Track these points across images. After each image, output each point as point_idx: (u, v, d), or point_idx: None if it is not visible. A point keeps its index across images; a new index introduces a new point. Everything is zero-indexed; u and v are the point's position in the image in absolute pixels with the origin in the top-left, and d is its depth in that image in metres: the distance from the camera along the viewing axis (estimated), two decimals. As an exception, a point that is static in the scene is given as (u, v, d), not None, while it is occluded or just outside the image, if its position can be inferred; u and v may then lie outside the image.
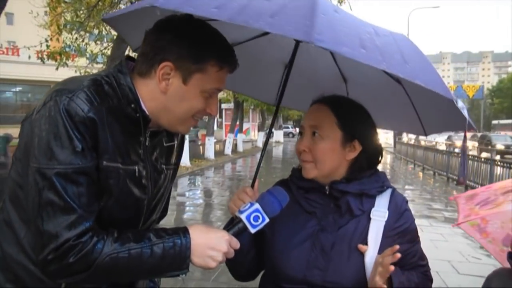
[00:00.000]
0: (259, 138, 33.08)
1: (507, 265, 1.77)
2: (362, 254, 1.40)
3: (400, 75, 1.11)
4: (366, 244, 1.41)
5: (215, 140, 22.40)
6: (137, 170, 1.30)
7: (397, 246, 1.30)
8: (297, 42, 1.67)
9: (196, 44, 1.23)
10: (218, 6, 1.07)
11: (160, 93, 1.26)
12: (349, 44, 1.07)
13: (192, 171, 15.43)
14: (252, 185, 1.51)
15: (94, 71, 11.51)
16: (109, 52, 9.89)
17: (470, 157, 13.68)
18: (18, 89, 37.02)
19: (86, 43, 10.67)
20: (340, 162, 1.48)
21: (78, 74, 11.39)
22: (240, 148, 26.66)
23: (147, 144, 1.34)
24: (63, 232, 1.11)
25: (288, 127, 54.36)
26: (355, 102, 1.54)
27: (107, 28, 10.49)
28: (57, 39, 10.29)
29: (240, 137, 27.32)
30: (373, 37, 1.17)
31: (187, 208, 9.46)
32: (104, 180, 1.21)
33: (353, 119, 1.49)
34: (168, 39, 1.23)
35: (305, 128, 1.49)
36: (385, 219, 1.44)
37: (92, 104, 1.16)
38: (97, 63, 10.84)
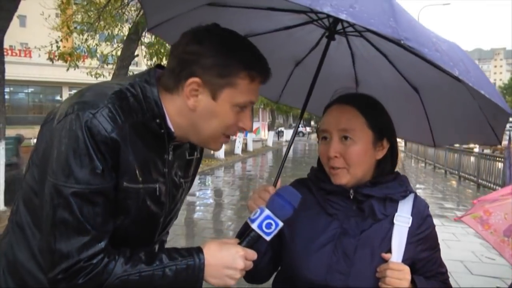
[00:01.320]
0: (269, 137, 33.05)
1: (507, 254, 1.77)
2: (385, 259, 1.37)
3: (470, 84, 1.08)
4: (389, 249, 1.38)
5: (225, 140, 22.38)
6: (157, 188, 1.25)
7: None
8: (329, 41, 1.63)
9: (224, 57, 1.17)
10: None
11: (188, 110, 1.20)
12: (428, 46, 1.05)
13: (202, 170, 15.45)
14: (275, 184, 1.46)
15: (105, 73, 11.57)
16: (119, 53, 9.94)
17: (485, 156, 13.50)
18: (30, 90, 37.46)
19: (96, 44, 10.73)
20: (371, 163, 1.44)
21: (89, 75, 11.49)
22: (250, 147, 26.61)
23: (170, 159, 1.29)
24: (75, 253, 1.08)
25: (299, 126, 54.06)
26: (374, 98, 1.49)
27: (120, 27, 10.57)
28: (67, 40, 10.36)
29: (250, 136, 27.27)
30: (438, 42, 1.14)
31: (198, 208, 9.46)
32: (123, 200, 1.18)
33: (379, 116, 1.45)
34: (194, 53, 1.17)
35: (332, 132, 1.42)
36: (409, 225, 1.40)
37: (115, 123, 1.12)
38: (107, 64, 10.90)
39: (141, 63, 13.13)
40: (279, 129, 39.71)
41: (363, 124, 1.40)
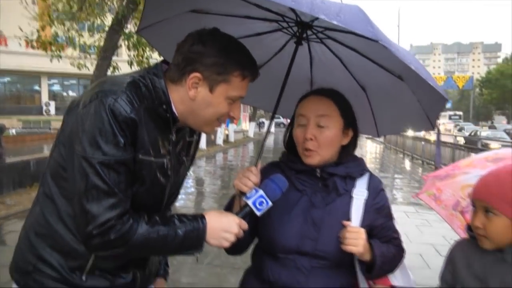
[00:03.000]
0: (251, 128, 33.24)
1: (455, 225, 2.01)
2: (345, 226, 1.60)
3: (423, 77, 1.42)
4: (349, 218, 1.62)
5: (207, 131, 22.45)
6: (165, 162, 1.47)
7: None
8: (297, 46, 1.84)
9: (222, 58, 1.39)
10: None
11: (189, 99, 1.42)
12: (394, 46, 1.34)
13: (184, 161, 15.50)
14: (256, 165, 1.67)
15: (88, 63, 11.41)
16: (101, 43, 9.95)
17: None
18: (6, 79, 36.68)
19: (79, 34, 10.68)
20: (338, 147, 1.69)
21: (70, 65, 11.45)
22: (232, 138, 26.78)
23: (173, 139, 1.51)
24: (105, 212, 1.29)
25: (279, 117, 54.37)
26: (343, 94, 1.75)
27: (102, 17, 10.54)
28: (43, 30, 10.23)
29: (232, 127, 27.42)
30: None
31: (180, 196, 9.56)
32: (138, 170, 1.39)
33: (348, 108, 1.71)
34: (197, 52, 1.39)
35: (310, 118, 1.65)
36: (365, 197, 1.67)
37: (133, 105, 1.33)
38: (90, 54, 10.88)
39: (122, 54, 13.12)
40: (260, 120, 39.90)
41: (337, 112, 1.66)
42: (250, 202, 1.49)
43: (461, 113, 59.86)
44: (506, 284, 1.51)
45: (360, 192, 1.67)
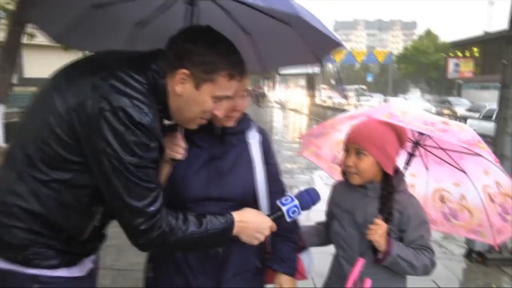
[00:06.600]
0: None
1: (335, 175, 2.29)
2: (245, 172, 1.82)
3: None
4: (246, 160, 1.84)
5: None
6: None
7: None
8: (192, 8, 1.91)
9: (210, 57, 1.42)
10: None
11: (176, 95, 1.44)
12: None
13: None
14: (178, 130, 1.73)
15: None
16: (11, 7, 9.37)
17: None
18: None
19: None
20: None
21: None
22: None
23: None
24: (149, 205, 1.36)
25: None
26: None
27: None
28: None
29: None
30: None
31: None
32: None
33: None
34: (187, 50, 1.42)
35: None
36: (258, 139, 1.89)
37: (152, 113, 1.35)
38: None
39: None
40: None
41: None
42: (284, 209, 1.64)
43: (365, 87, 72.62)
44: (367, 213, 1.88)
45: (253, 136, 1.88)
